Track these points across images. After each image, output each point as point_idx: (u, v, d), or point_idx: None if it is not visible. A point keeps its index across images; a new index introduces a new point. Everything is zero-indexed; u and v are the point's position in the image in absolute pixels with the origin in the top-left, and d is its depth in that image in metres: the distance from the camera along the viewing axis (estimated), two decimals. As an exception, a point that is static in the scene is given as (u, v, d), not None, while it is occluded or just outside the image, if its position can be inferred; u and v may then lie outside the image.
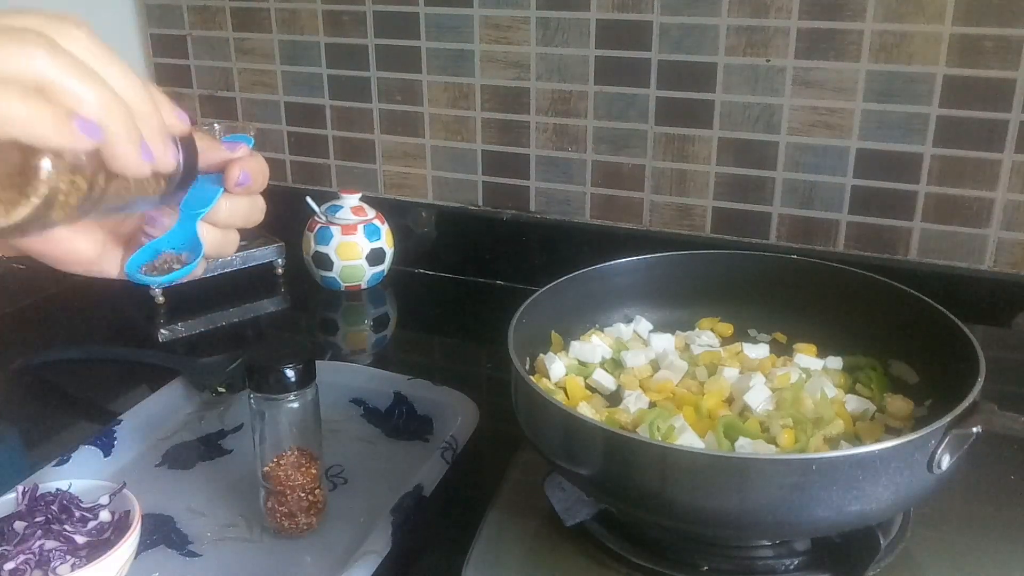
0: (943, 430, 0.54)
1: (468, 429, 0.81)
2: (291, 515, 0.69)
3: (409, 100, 1.20)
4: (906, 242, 1.02)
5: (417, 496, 0.71)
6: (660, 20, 1.04)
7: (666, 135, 1.08)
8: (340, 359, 1.02)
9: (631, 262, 0.80)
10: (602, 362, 0.75)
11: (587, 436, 0.57)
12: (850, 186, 1.02)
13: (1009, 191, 0.96)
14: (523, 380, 0.60)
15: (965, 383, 0.58)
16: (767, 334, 0.80)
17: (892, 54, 0.96)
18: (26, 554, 0.60)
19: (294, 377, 0.67)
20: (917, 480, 0.54)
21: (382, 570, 0.65)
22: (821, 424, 0.63)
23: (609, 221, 1.14)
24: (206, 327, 1.10)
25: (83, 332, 1.11)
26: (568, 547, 0.63)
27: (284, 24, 1.24)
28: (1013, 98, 0.93)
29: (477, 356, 1.04)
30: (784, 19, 0.99)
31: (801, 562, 0.60)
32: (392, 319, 1.16)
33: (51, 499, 0.64)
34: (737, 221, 1.08)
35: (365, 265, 1.15)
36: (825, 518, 0.53)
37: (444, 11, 1.14)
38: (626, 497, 0.58)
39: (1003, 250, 0.98)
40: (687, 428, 0.62)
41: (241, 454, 0.81)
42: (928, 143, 0.97)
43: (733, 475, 0.53)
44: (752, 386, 0.68)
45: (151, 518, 0.71)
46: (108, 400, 0.93)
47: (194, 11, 1.29)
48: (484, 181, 1.20)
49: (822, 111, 1.00)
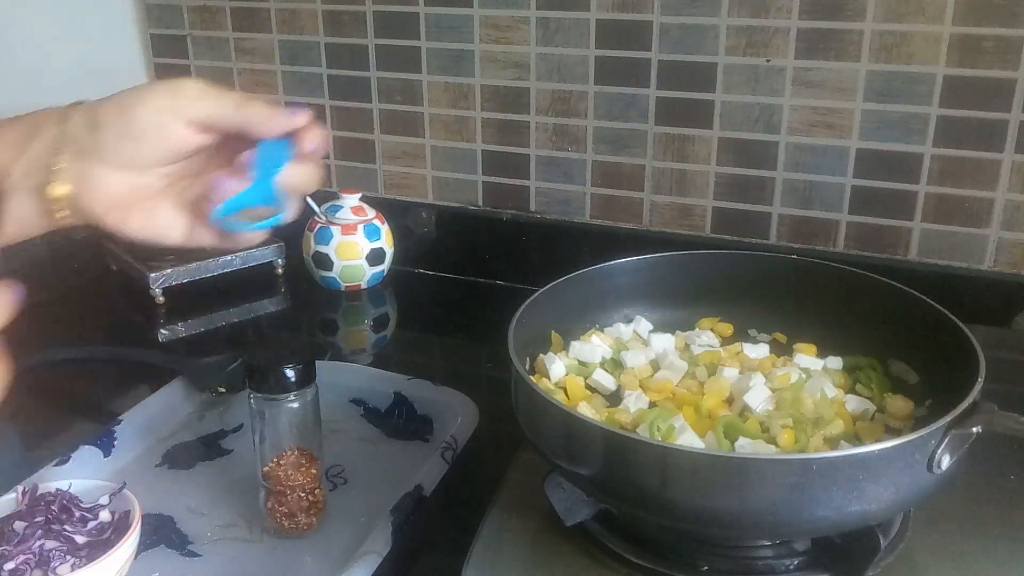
0: (943, 430, 0.54)
1: (468, 429, 0.81)
2: (291, 515, 0.69)
3: (409, 100, 1.20)
4: (906, 242, 1.02)
5: (417, 496, 0.71)
6: (660, 20, 1.04)
7: (666, 135, 1.08)
8: (340, 359, 1.02)
9: (631, 262, 0.80)
10: (602, 362, 0.74)
11: (587, 436, 0.57)
12: (850, 186, 1.02)
13: (1009, 191, 0.96)
14: (523, 380, 0.60)
15: (965, 383, 0.58)
16: (767, 334, 0.80)
17: (892, 54, 0.96)
18: (26, 554, 0.60)
19: (294, 377, 0.67)
20: (917, 480, 0.54)
21: (382, 570, 0.65)
22: (821, 424, 0.63)
23: (609, 221, 1.14)
24: (206, 327, 1.10)
25: (83, 332, 1.11)
26: (568, 547, 0.63)
27: (284, 24, 1.24)
28: (1013, 98, 0.93)
29: (477, 356, 1.04)
30: (784, 19, 0.99)
31: (801, 562, 0.60)
32: (392, 319, 1.16)
33: (51, 499, 0.64)
34: (737, 221, 1.08)
35: (365, 265, 1.15)
36: (825, 518, 0.53)
37: (444, 11, 1.14)
38: (626, 497, 0.58)
39: (1003, 250, 0.98)
40: (687, 428, 0.62)
41: (241, 454, 0.81)
42: (928, 143, 0.97)
43: (733, 475, 0.53)
44: (752, 386, 0.68)
45: (151, 518, 0.71)
46: (108, 400, 0.93)
47: (194, 11, 1.29)
48: (484, 181, 1.20)
49: (822, 111, 1.00)
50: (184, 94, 0.52)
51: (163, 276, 1.12)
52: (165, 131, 0.52)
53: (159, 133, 0.52)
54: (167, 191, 0.56)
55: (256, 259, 1.19)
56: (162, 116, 0.52)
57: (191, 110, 0.52)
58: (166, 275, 1.12)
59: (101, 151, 0.52)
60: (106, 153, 0.52)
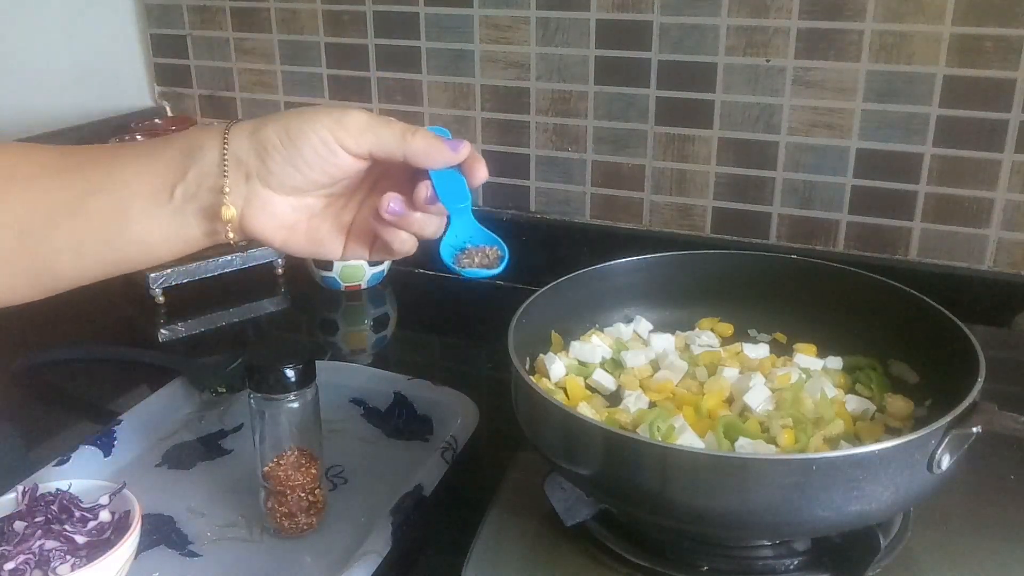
0: (943, 430, 0.54)
1: (468, 429, 0.81)
2: (291, 515, 0.69)
3: (409, 100, 1.20)
4: (906, 242, 1.02)
5: (417, 496, 0.71)
6: (660, 20, 1.04)
7: (666, 135, 1.08)
8: (340, 359, 1.02)
9: (631, 262, 0.80)
10: (602, 362, 0.74)
11: (587, 436, 0.57)
12: (850, 186, 1.02)
13: (1009, 191, 0.96)
14: (523, 380, 0.60)
15: (965, 383, 0.58)
16: (767, 334, 0.80)
17: (892, 54, 0.96)
18: (26, 554, 0.60)
19: (294, 377, 0.67)
20: (917, 480, 0.54)
21: (382, 570, 0.65)
22: (821, 424, 0.63)
23: (609, 221, 1.14)
24: (206, 327, 1.10)
25: (83, 332, 1.11)
26: (568, 547, 0.63)
27: (284, 24, 1.24)
28: (1013, 98, 0.93)
29: (477, 356, 1.04)
30: (784, 19, 0.99)
31: (801, 562, 0.60)
32: (392, 319, 1.16)
33: (51, 499, 0.64)
34: (737, 221, 1.08)
35: (365, 265, 1.15)
36: (825, 518, 0.53)
37: (444, 11, 1.14)
38: (626, 497, 0.58)
39: (1003, 250, 0.98)
40: (687, 428, 0.62)
41: (241, 454, 0.81)
42: (928, 143, 0.97)
43: (733, 475, 0.53)
44: (752, 386, 0.68)
45: (151, 518, 0.71)
46: (108, 400, 0.93)
47: (194, 11, 1.30)
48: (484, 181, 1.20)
49: (822, 111, 1.00)
50: (348, 128, 0.54)
51: (163, 276, 1.12)
52: (330, 161, 0.54)
53: (324, 162, 0.54)
54: (326, 210, 0.58)
55: (256, 259, 1.19)
56: (328, 147, 0.54)
57: (356, 143, 0.54)
58: (166, 275, 1.12)
59: (267, 176, 0.54)
60: (272, 178, 0.54)
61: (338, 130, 0.53)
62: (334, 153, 0.54)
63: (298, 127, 0.53)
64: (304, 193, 0.56)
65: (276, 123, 0.54)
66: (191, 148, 0.54)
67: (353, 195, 0.59)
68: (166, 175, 0.54)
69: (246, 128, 0.55)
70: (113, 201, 0.54)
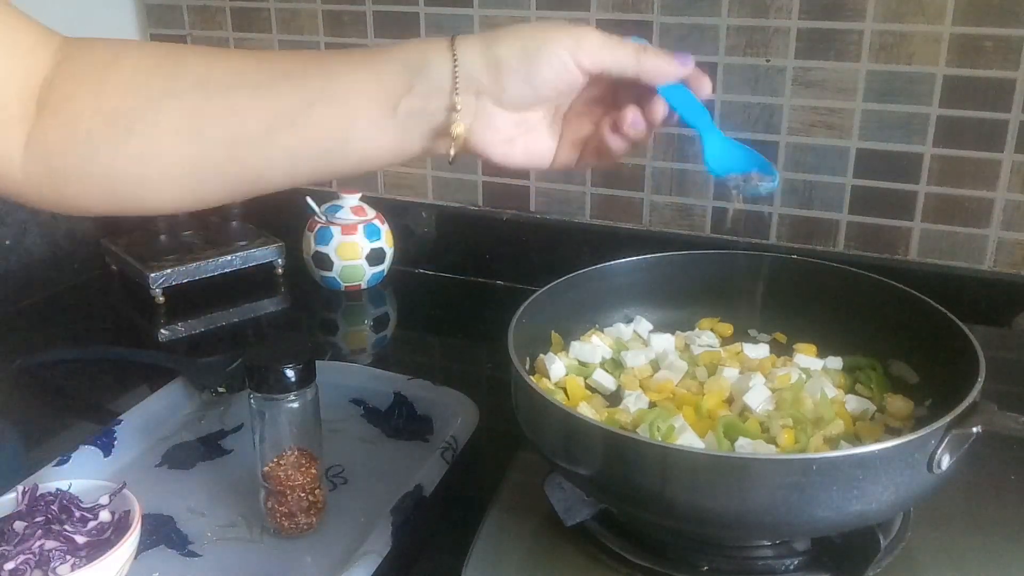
0: (943, 430, 0.54)
1: (468, 429, 0.81)
2: (291, 515, 0.69)
3: (409, 100, 1.20)
4: (906, 242, 1.02)
5: (417, 496, 0.71)
6: (660, 20, 1.04)
7: (666, 135, 1.08)
8: (340, 359, 1.02)
9: (631, 262, 0.80)
10: (602, 362, 0.74)
11: (587, 436, 0.57)
12: (850, 186, 1.02)
13: (1009, 191, 0.96)
14: (523, 380, 0.60)
15: (965, 383, 0.58)
16: (767, 334, 0.80)
17: (892, 54, 0.96)
18: (26, 554, 0.60)
19: (294, 377, 0.67)
20: (917, 480, 0.54)
21: (382, 570, 0.65)
22: (821, 424, 0.63)
23: (609, 221, 1.14)
24: (206, 327, 1.10)
25: (83, 332, 1.11)
26: (568, 547, 0.63)
27: (284, 24, 1.24)
28: (1013, 98, 0.93)
29: (477, 356, 1.04)
30: (784, 19, 0.99)
31: (801, 562, 0.60)
32: (392, 319, 1.16)
33: (51, 499, 0.64)
34: (737, 221, 1.08)
35: (365, 265, 1.15)
36: (825, 518, 0.53)
37: (444, 11, 1.14)
38: (626, 497, 0.58)
39: (1003, 250, 0.98)
40: (687, 428, 0.62)
41: (241, 454, 0.81)
42: (928, 143, 0.97)
43: (733, 475, 0.53)
44: (752, 386, 0.68)
45: (151, 518, 0.71)
46: (108, 400, 0.93)
47: (194, 11, 1.30)
48: (484, 181, 1.20)
49: (822, 111, 1.00)
50: (586, 46, 0.54)
51: (163, 276, 1.12)
52: (565, 80, 0.54)
53: (559, 81, 0.54)
54: (540, 123, 0.58)
55: (256, 259, 1.19)
56: (565, 66, 0.54)
57: (592, 62, 0.54)
58: (166, 275, 1.12)
59: (500, 94, 0.54)
60: (505, 96, 0.54)
61: (577, 51, 0.53)
62: (571, 72, 0.54)
63: (536, 47, 0.53)
64: (529, 108, 0.56)
65: (510, 41, 0.54)
66: (415, 62, 0.54)
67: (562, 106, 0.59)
68: (391, 88, 0.53)
69: (475, 45, 0.54)
70: (336, 114, 0.54)
